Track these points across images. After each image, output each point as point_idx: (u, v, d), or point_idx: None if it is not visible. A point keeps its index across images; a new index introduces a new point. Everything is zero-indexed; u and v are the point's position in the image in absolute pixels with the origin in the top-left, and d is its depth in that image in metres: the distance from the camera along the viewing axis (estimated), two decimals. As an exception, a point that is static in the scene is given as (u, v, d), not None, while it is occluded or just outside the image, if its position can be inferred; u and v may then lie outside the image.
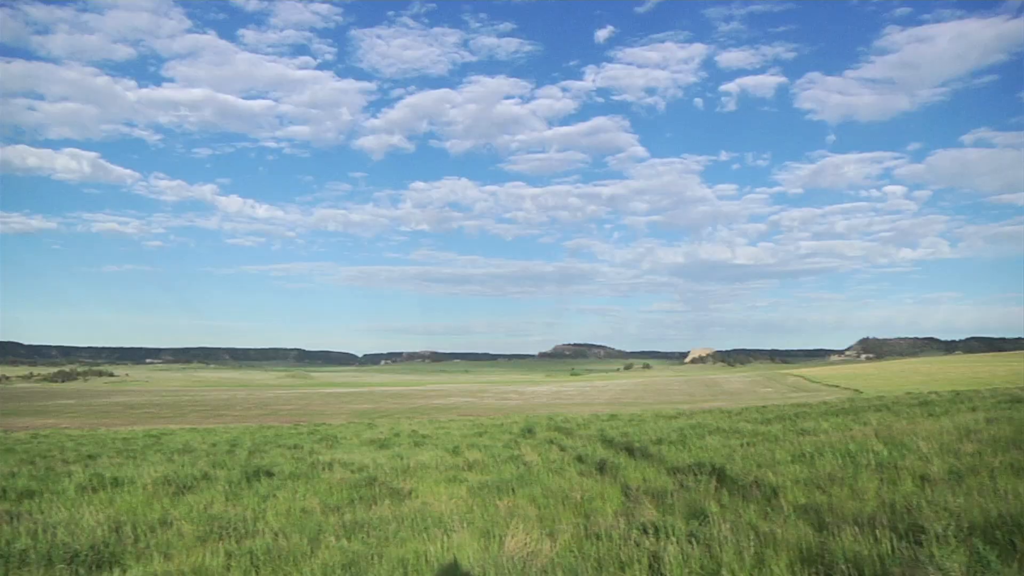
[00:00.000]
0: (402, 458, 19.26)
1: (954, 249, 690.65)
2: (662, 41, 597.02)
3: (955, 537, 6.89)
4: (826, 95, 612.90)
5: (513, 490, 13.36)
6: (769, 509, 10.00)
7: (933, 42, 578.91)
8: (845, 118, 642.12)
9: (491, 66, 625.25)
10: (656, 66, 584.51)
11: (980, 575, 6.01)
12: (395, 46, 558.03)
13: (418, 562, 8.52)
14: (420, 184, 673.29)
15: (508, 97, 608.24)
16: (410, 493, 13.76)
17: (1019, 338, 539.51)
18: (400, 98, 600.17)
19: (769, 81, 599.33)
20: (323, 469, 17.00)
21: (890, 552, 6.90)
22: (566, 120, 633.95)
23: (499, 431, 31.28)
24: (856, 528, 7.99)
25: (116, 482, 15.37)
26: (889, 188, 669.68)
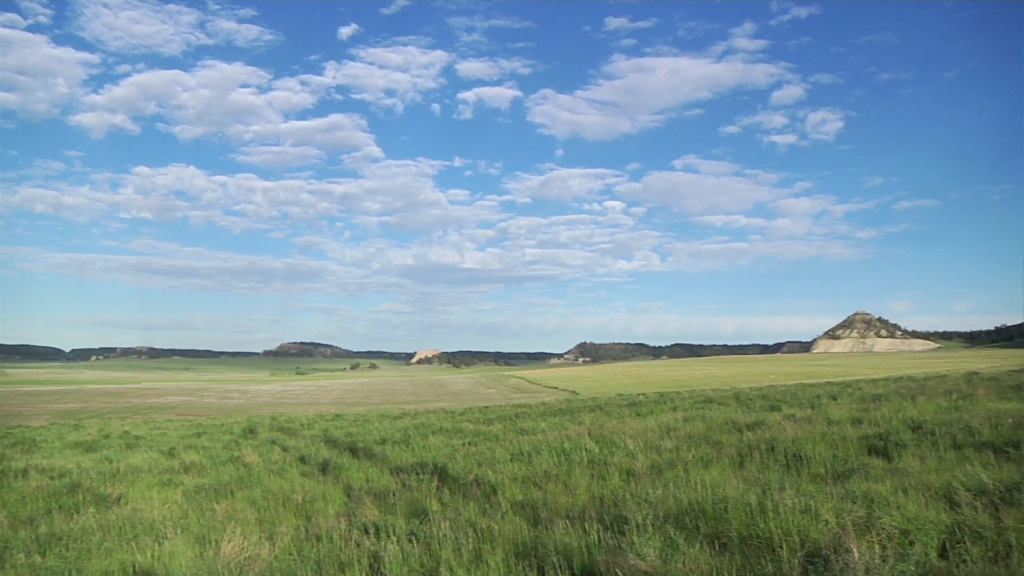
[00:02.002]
0: (111, 461, 17.97)
1: (664, 263, 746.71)
2: (405, 45, 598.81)
3: (652, 525, 7.45)
4: (557, 112, 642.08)
5: (232, 493, 12.88)
6: (488, 506, 10.30)
7: (653, 73, 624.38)
8: (573, 135, 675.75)
9: (228, 52, 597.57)
10: (398, 68, 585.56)
11: (670, 557, 6.53)
12: (123, 18, 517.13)
13: (124, 574, 8.00)
14: (144, 169, 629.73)
15: (244, 86, 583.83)
16: (119, 499, 12.86)
17: (715, 344, 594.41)
18: (126, 75, 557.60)
19: (505, 93, 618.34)
20: (15, 477, 15.49)
21: (597, 542, 7.33)
22: (303, 114, 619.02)
23: (219, 432, 30.04)
24: (568, 521, 8.43)
25: None
26: (610, 203, 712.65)
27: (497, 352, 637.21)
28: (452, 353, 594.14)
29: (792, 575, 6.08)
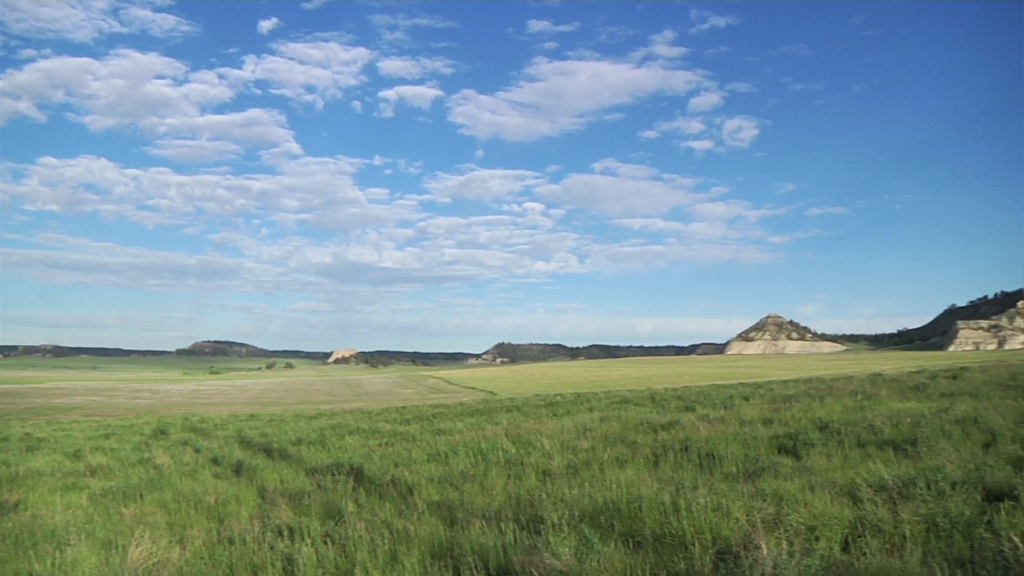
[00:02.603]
0: (9, 465, 17.29)
1: (582, 264, 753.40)
2: (327, 41, 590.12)
3: (568, 525, 7.53)
4: (478, 112, 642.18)
5: (142, 496, 12.55)
6: (405, 507, 10.27)
7: (574, 77, 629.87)
8: (494, 136, 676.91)
9: (143, 41, 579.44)
10: (319, 64, 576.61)
11: (585, 555, 6.61)
12: (28, 0, 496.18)
13: (22, 584, 7.73)
14: (51, 160, 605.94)
15: (160, 77, 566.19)
16: (16, 505, 12.36)
17: (631, 346, 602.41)
18: (31, 60, 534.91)
19: (427, 93, 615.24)
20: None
21: (513, 542, 7.37)
22: (220, 108, 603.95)
23: (129, 433, 29.25)
24: (484, 522, 8.45)
25: None
26: (529, 204, 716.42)
27: (415, 352, 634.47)
28: (370, 353, 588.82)
29: (704, 572, 6.21)
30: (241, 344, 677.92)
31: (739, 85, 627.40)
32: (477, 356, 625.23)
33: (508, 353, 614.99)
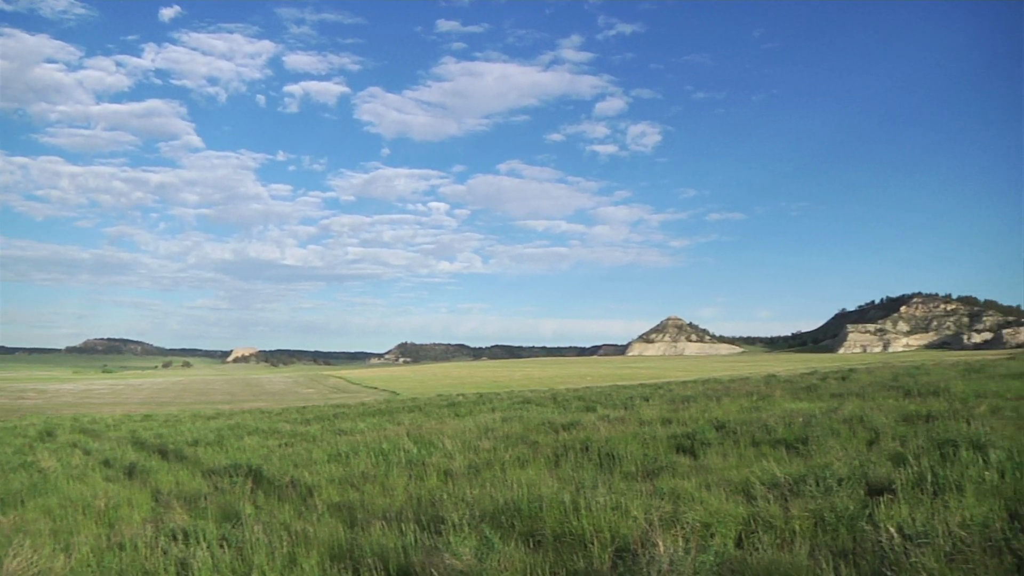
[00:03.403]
0: None
1: (486, 265, 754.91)
2: (231, 32, 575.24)
3: (469, 525, 7.54)
4: (385, 110, 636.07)
5: (23, 502, 12.03)
6: (304, 508, 10.13)
7: (482, 78, 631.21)
8: (400, 134, 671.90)
9: (32, 22, 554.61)
10: (222, 56, 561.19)
11: (486, 555, 6.64)
12: None
13: None
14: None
15: (51, 61, 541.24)
16: None
17: (534, 346, 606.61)
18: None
19: (333, 89, 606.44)
20: None
21: (414, 543, 7.34)
22: (117, 97, 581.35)
23: (10, 435, 27.98)
24: (385, 522, 8.40)
25: None
26: (434, 204, 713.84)
27: (317, 351, 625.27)
28: (270, 352, 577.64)
29: (603, 569, 6.30)
30: (136, 342, 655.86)
31: (643, 91, 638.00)
32: (380, 356, 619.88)
33: (411, 353, 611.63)
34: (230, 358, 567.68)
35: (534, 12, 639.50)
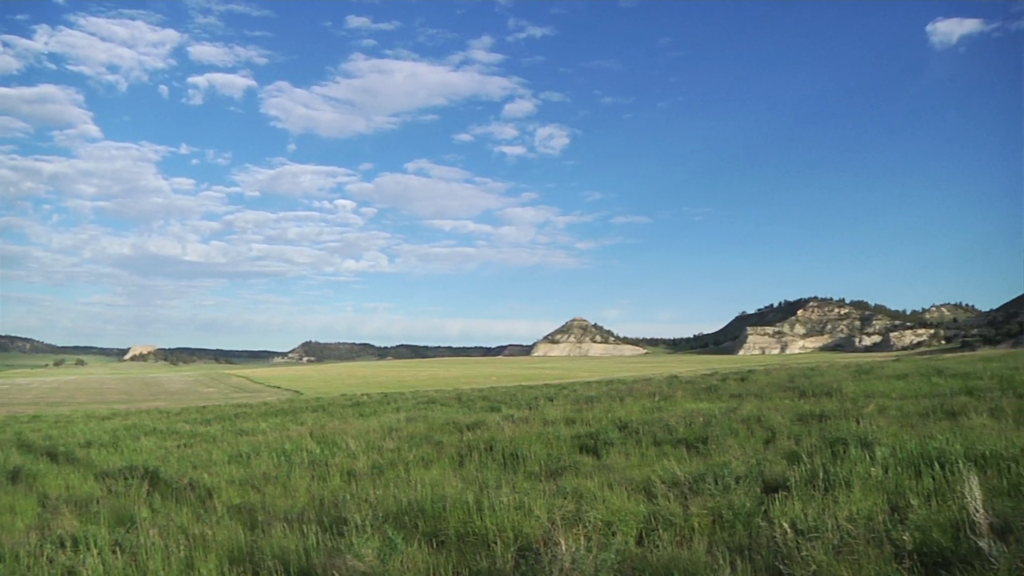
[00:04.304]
0: None
1: (392, 264, 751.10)
2: (133, 18, 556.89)
3: (372, 526, 7.48)
4: (292, 105, 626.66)
5: None
6: (203, 511, 9.88)
7: (391, 76, 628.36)
8: (307, 130, 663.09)
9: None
10: (123, 43, 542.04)
11: (388, 556, 6.60)
12: None
13: None
14: None
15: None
16: None
17: (439, 346, 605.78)
18: None
19: (239, 82, 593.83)
20: None
21: (316, 544, 7.24)
22: (6, 81, 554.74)
23: None
24: (286, 524, 8.27)
25: None
26: (340, 202, 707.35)
27: (218, 350, 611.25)
28: (170, 350, 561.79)
29: (505, 569, 6.33)
30: (25, 339, 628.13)
31: (552, 94, 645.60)
32: (283, 355, 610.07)
33: (315, 352, 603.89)
34: (127, 356, 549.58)
35: (445, 12, 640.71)
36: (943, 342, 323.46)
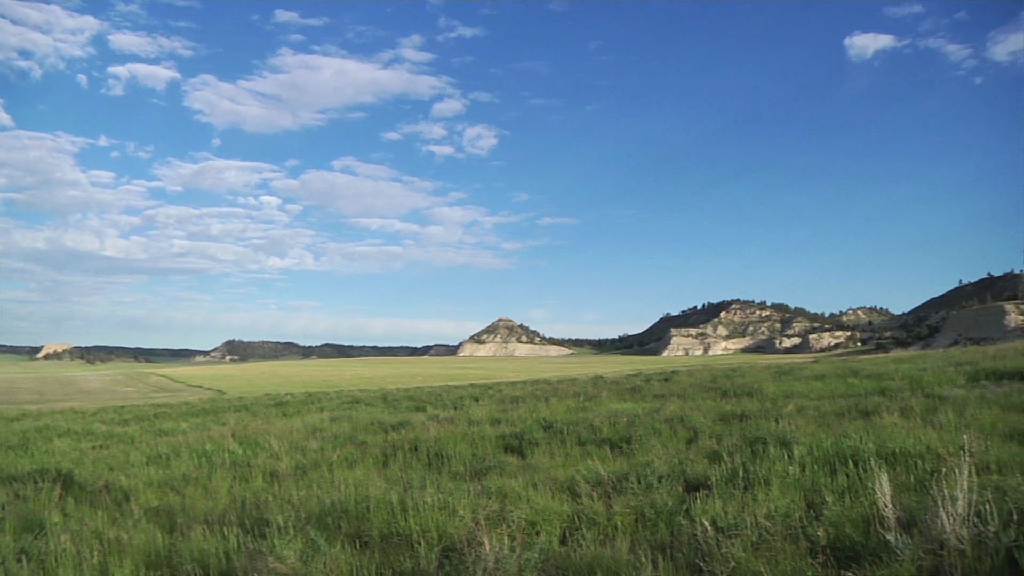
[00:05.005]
0: None
1: (317, 262, 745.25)
2: (47, 2, 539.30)
3: (294, 527, 7.38)
4: (217, 99, 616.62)
5: None
6: (119, 514, 9.65)
7: (319, 72, 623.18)
8: (232, 125, 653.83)
9: None
10: (36, 28, 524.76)
11: (311, 558, 6.53)
12: None
13: None
14: None
15: None
16: None
17: (364, 346, 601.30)
18: None
19: (162, 73, 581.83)
20: None
21: (237, 547, 7.12)
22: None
23: None
24: (207, 527, 8.11)
25: None
26: (266, 198, 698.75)
27: (138, 348, 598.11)
28: (87, 348, 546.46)
29: (429, 569, 6.31)
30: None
31: (481, 95, 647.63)
32: (205, 353, 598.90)
33: (238, 351, 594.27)
34: (40, 354, 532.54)
35: (375, 9, 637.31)
36: (859, 344, 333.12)
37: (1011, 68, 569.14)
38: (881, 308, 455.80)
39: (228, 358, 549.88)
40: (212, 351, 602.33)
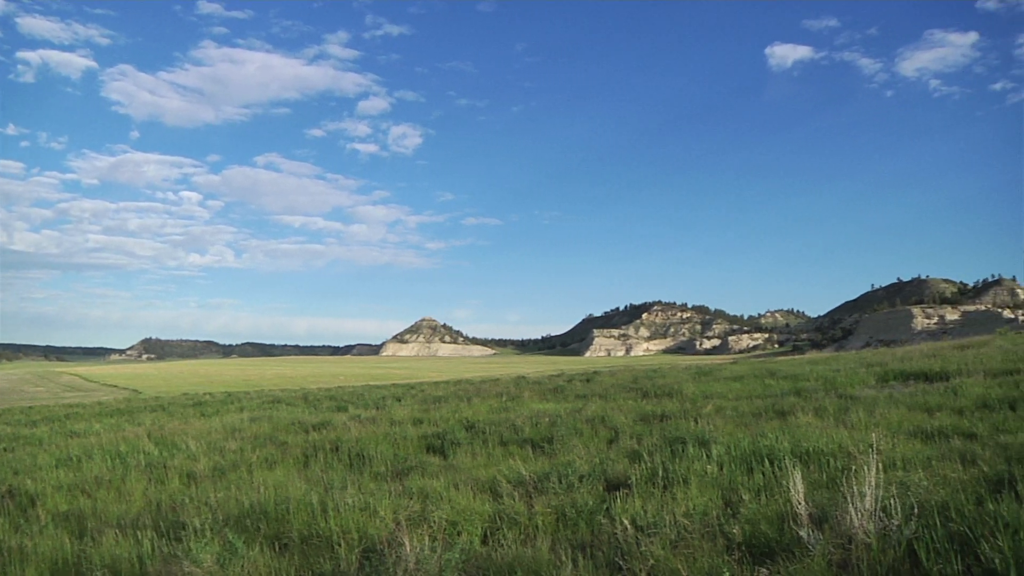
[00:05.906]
0: None
1: (239, 259, 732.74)
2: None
3: (212, 530, 7.26)
4: (136, 91, 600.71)
5: None
6: (24, 520, 9.35)
7: (243, 66, 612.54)
8: (152, 117, 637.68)
9: None
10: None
11: (229, 561, 6.42)
12: None
13: None
14: None
15: None
16: None
17: (286, 344, 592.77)
18: None
19: (78, 62, 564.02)
20: None
21: (151, 551, 6.97)
22: None
23: None
24: (119, 531, 7.92)
25: None
26: (186, 194, 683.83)
27: (49, 346, 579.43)
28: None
29: (349, 571, 6.27)
30: None
31: (407, 93, 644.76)
32: (121, 352, 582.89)
33: (156, 349, 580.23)
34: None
35: (301, 4, 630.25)
36: (776, 346, 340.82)
37: (917, 83, 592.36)
38: (798, 311, 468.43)
39: (145, 357, 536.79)
40: (128, 349, 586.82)
